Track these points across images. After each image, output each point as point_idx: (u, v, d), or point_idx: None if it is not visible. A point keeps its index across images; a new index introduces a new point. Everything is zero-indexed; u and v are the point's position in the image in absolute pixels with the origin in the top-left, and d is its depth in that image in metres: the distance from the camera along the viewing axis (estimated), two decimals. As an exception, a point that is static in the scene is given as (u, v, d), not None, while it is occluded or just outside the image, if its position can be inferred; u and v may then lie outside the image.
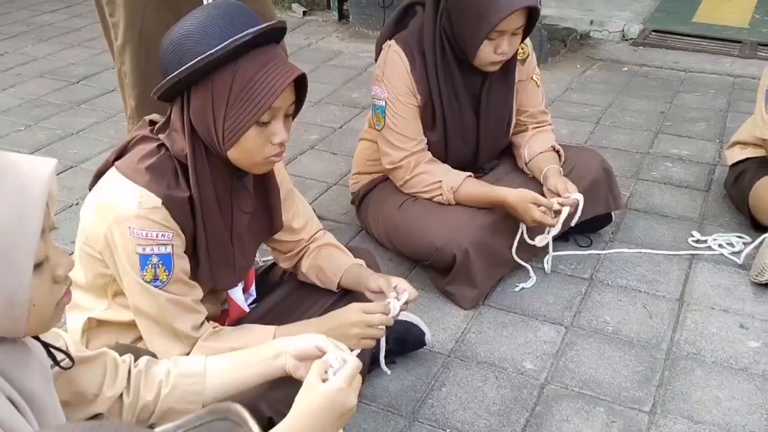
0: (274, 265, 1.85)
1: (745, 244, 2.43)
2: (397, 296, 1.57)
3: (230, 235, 1.52)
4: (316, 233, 1.75)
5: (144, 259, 1.38)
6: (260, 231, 1.63)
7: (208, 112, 1.35)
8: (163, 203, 1.37)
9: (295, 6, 5.14)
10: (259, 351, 1.29)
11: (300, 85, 1.42)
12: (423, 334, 1.98)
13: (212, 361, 1.29)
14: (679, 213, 2.67)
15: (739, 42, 4.38)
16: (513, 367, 1.97)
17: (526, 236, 2.20)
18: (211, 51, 1.30)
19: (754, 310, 2.17)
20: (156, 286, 1.40)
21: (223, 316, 1.65)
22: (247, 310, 1.67)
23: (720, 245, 2.44)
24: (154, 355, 1.37)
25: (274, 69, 1.34)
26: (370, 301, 1.68)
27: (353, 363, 1.14)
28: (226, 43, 1.30)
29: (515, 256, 2.26)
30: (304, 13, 5.10)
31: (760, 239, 2.30)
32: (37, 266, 0.91)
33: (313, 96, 3.77)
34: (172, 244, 1.40)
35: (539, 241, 2.21)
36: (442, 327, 2.12)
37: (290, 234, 1.71)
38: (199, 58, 1.30)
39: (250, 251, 1.62)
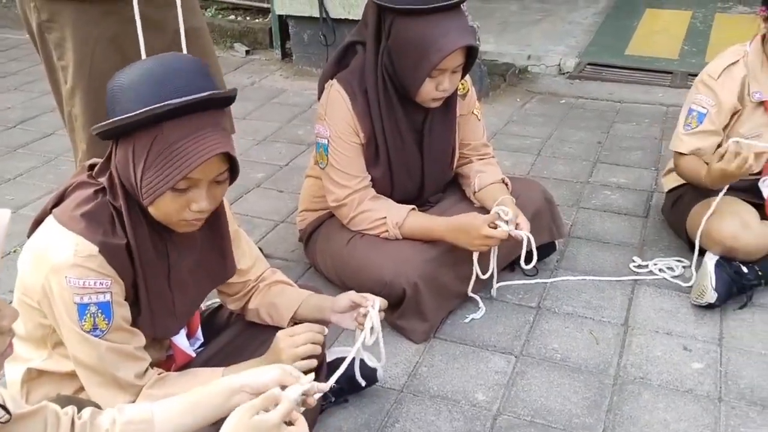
0: (220, 306, 1.83)
1: (684, 267, 2.50)
2: (372, 306, 1.62)
3: (168, 282, 1.49)
4: (263, 273, 1.74)
5: (82, 308, 1.34)
6: (210, 277, 1.60)
7: (129, 167, 1.33)
8: (99, 251, 1.35)
9: (237, 45, 5.16)
10: (211, 390, 1.26)
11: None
12: (375, 370, 1.96)
13: (160, 406, 1.25)
14: (620, 239, 2.74)
15: (670, 73, 4.56)
16: (465, 400, 1.97)
17: (479, 272, 2.22)
18: (131, 114, 1.27)
19: (696, 332, 2.23)
20: (96, 336, 1.36)
21: (169, 361, 1.61)
22: (193, 354, 1.64)
23: (660, 269, 2.51)
24: (98, 406, 1.33)
25: (196, 141, 1.29)
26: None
27: (288, 401, 1.13)
28: (146, 108, 1.26)
29: (470, 293, 2.29)
30: (247, 52, 5.12)
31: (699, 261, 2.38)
32: None
33: (258, 134, 3.77)
34: (111, 292, 1.37)
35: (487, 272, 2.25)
36: (394, 362, 2.12)
37: (237, 276, 1.68)
38: (121, 117, 1.28)
39: (196, 298, 1.60)
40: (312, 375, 1.26)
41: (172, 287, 1.50)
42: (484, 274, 2.23)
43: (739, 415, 1.90)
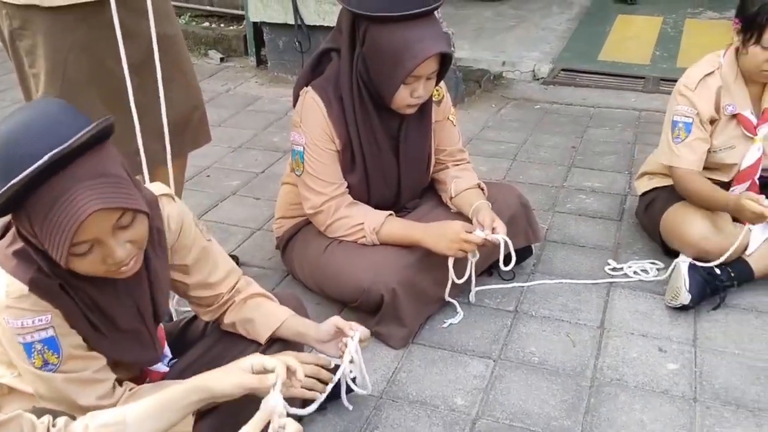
0: (193, 320, 1.81)
1: (658, 269, 2.53)
2: (352, 336, 1.63)
3: (115, 325, 1.45)
4: (236, 284, 1.71)
5: (28, 347, 1.31)
6: (148, 321, 1.54)
7: (31, 237, 1.28)
8: (29, 290, 1.30)
9: (211, 53, 5.13)
10: (177, 389, 1.26)
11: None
12: (353, 378, 1.96)
13: (132, 408, 1.25)
14: (595, 243, 2.76)
15: (642, 78, 4.62)
16: (444, 404, 1.98)
17: (454, 278, 2.23)
18: None
19: (671, 333, 2.26)
20: (49, 370, 1.34)
21: (143, 376, 1.59)
22: (166, 369, 1.62)
23: (635, 272, 2.54)
24: (74, 417, 1.31)
25: (66, 207, 1.18)
26: (301, 350, 1.68)
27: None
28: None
29: (447, 297, 2.29)
30: (222, 59, 5.10)
31: (672, 264, 2.41)
32: None
33: (233, 141, 3.76)
34: (53, 326, 1.33)
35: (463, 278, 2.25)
36: (373, 368, 2.11)
37: (208, 289, 1.66)
38: None
39: (146, 338, 1.53)
40: (278, 373, 1.28)
41: (123, 328, 1.46)
42: (460, 279, 2.24)
43: (714, 414, 1.93)
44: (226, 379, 1.29)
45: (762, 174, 2.47)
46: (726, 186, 2.48)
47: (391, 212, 2.27)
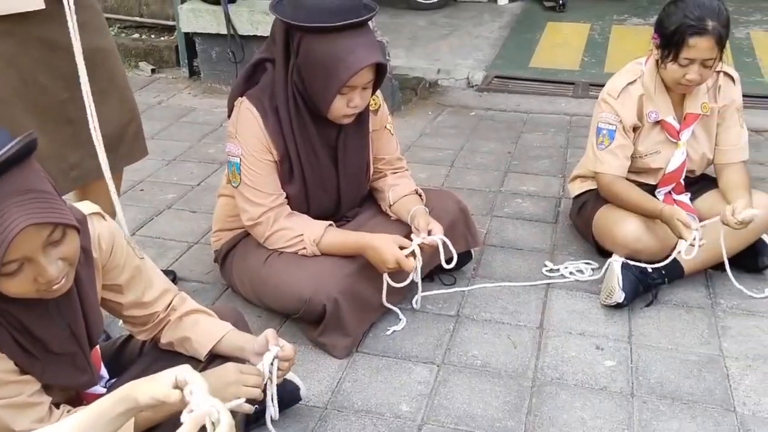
0: (130, 338, 1.76)
1: (593, 269, 2.60)
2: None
3: (44, 351, 1.40)
4: (172, 302, 1.67)
5: None
6: (82, 342, 1.49)
7: None
8: None
9: (142, 64, 5.03)
10: (109, 402, 1.23)
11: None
12: (297, 388, 1.95)
13: (64, 424, 1.21)
14: (532, 245, 2.82)
15: (572, 83, 4.74)
16: (390, 412, 1.98)
17: (390, 281, 2.24)
18: None
19: (607, 331, 2.32)
20: None
21: (80, 398, 1.54)
22: (103, 390, 1.57)
23: (571, 272, 2.60)
24: None
25: None
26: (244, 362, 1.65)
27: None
28: None
29: (385, 302, 2.29)
30: (153, 70, 5.00)
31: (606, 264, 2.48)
32: None
33: (167, 154, 3.69)
34: None
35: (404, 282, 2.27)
36: (317, 379, 2.10)
37: (143, 308, 1.62)
38: None
39: (80, 360, 1.49)
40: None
41: (54, 351, 1.42)
42: (398, 283, 2.25)
43: (651, 409, 1.99)
44: (149, 391, 1.24)
45: (687, 175, 2.58)
46: (653, 188, 2.57)
47: (331, 222, 2.27)
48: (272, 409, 1.63)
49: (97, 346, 1.61)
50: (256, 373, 1.51)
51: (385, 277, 2.22)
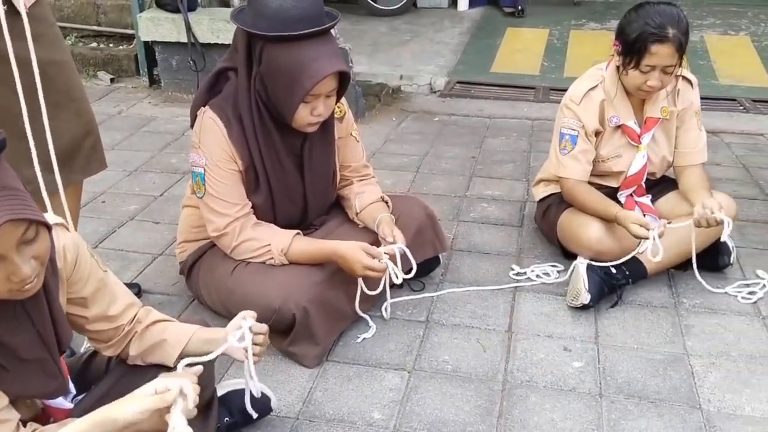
0: (96, 353, 1.72)
1: (559, 272, 2.63)
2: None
3: (13, 359, 1.37)
4: (136, 315, 1.64)
5: None
6: (51, 347, 1.46)
7: None
8: None
9: (101, 74, 4.95)
10: (85, 425, 1.20)
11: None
12: (268, 399, 1.92)
13: None
14: (499, 249, 2.84)
15: (533, 88, 4.81)
16: (362, 420, 1.97)
17: (365, 288, 2.24)
18: None
19: (574, 332, 2.34)
20: None
21: (47, 414, 1.50)
22: (69, 405, 1.53)
23: (537, 275, 2.63)
24: None
25: None
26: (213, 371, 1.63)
27: None
28: None
29: (358, 310, 2.29)
30: (112, 80, 4.92)
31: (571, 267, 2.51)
32: None
33: (128, 165, 3.63)
34: None
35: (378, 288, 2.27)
36: (288, 389, 2.08)
37: (108, 322, 1.58)
38: None
39: (50, 366, 1.46)
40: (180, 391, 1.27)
41: (22, 358, 1.38)
42: (373, 290, 2.24)
43: (619, 408, 2.02)
44: (129, 407, 1.26)
45: (648, 178, 2.63)
46: (615, 191, 2.61)
47: (299, 231, 2.25)
48: (253, 386, 1.66)
49: (64, 360, 1.57)
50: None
51: (360, 282, 2.22)
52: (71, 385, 1.58)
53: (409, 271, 2.27)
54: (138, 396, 1.28)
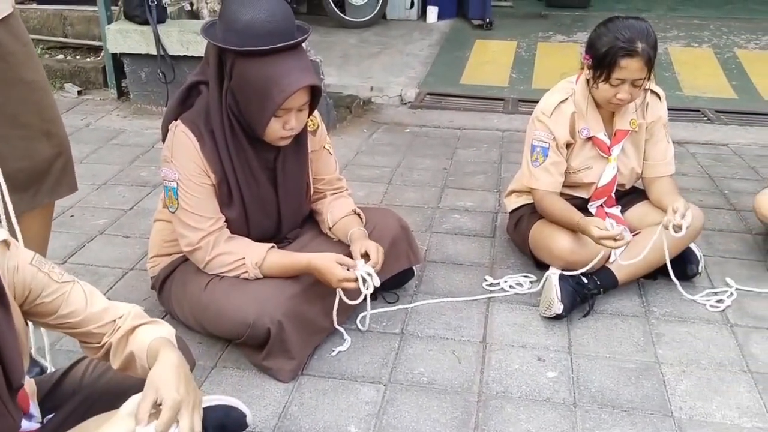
0: (69, 370, 1.68)
1: (531, 282, 2.66)
2: None
3: None
4: (123, 315, 1.59)
5: None
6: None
7: None
8: None
9: (68, 86, 4.88)
10: None
11: None
12: (243, 415, 1.90)
13: None
14: (472, 260, 2.86)
15: (502, 99, 4.86)
16: (338, 435, 1.96)
17: (344, 298, 2.23)
18: None
19: (548, 342, 2.36)
20: None
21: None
22: (35, 426, 1.49)
23: (510, 286, 2.65)
24: None
25: None
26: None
27: None
28: None
29: (336, 323, 2.28)
30: (79, 92, 4.86)
31: (543, 277, 2.53)
32: None
33: (97, 178, 3.58)
34: None
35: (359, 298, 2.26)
36: (263, 405, 2.07)
37: (93, 322, 1.53)
38: None
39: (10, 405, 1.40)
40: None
41: None
42: (353, 300, 2.23)
43: (593, 418, 2.04)
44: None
45: (617, 189, 2.67)
46: (586, 202, 2.65)
47: (273, 244, 2.24)
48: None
49: (30, 382, 1.53)
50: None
51: (339, 292, 2.21)
52: (35, 408, 1.53)
53: (373, 297, 2.28)
54: (122, 417, 1.24)
